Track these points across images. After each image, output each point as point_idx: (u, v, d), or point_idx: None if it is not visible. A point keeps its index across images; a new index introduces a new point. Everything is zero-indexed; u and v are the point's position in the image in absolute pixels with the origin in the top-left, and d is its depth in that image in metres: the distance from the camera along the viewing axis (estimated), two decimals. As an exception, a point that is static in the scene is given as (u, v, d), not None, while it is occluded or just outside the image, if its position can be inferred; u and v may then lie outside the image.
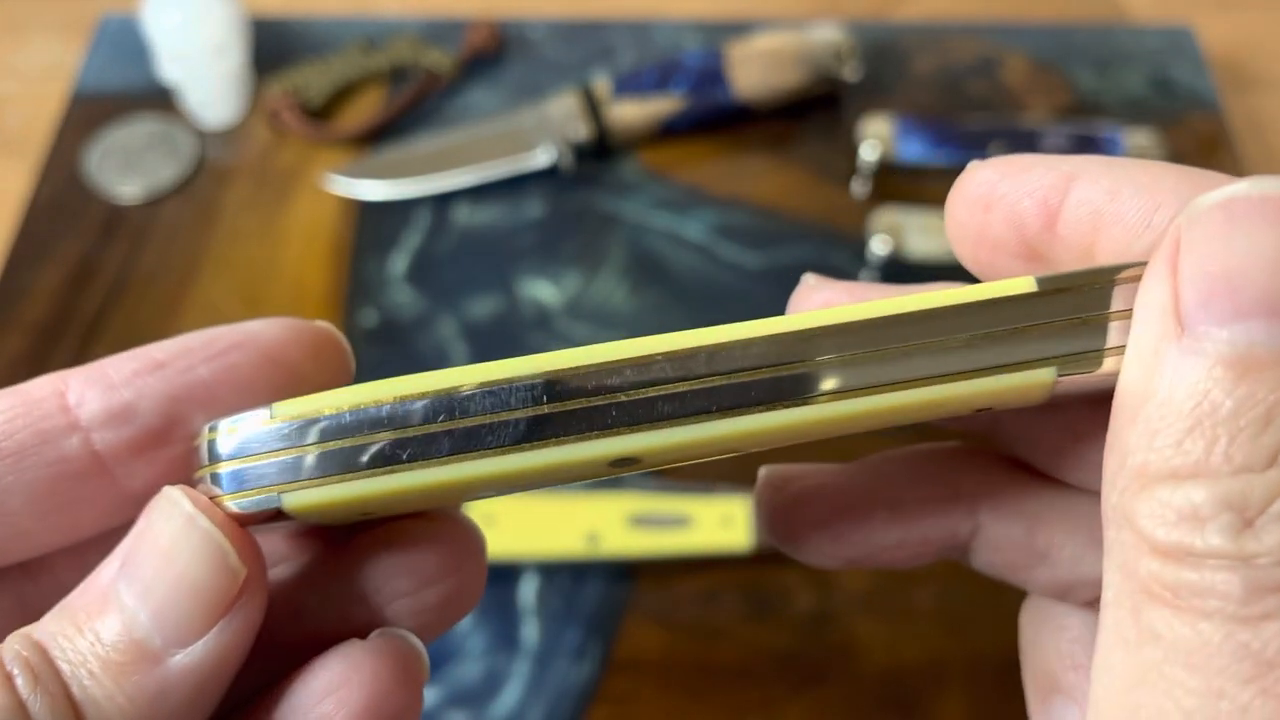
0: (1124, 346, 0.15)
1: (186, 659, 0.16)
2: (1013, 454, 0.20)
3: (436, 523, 0.18)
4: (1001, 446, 0.20)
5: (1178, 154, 0.53)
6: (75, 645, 0.16)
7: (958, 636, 0.41)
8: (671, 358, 0.15)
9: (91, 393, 0.18)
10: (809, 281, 0.20)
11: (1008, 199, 0.17)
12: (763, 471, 0.21)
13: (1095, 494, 0.15)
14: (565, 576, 0.42)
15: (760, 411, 0.15)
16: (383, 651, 0.17)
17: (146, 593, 0.16)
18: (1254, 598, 0.13)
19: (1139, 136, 0.52)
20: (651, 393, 0.15)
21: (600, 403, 0.15)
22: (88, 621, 0.16)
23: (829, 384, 0.15)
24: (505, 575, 0.42)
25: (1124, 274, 0.15)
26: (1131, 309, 0.15)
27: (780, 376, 0.15)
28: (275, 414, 0.16)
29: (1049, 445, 0.20)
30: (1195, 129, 0.55)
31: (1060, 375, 0.15)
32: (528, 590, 0.42)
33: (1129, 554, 0.14)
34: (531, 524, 0.42)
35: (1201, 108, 0.56)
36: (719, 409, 0.15)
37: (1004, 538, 0.20)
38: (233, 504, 0.16)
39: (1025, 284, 0.15)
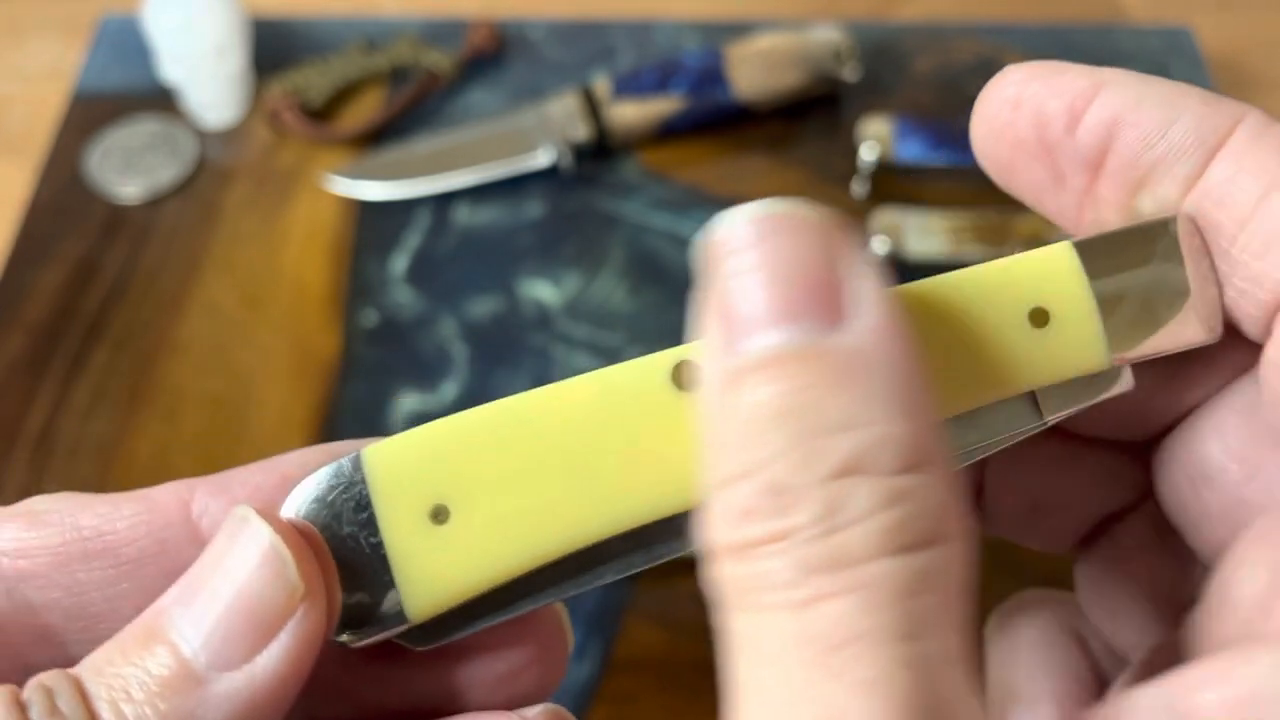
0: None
1: (229, 681, 0.15)
2: None
3: (524, 622, 0.19)
4: None
5: (1177, 154, 0.53)
6: (120, 672, 0.15)
7: (957, 636, 0.41)
8: None
9: (216, 504, 0.17)
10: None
11: (1037, 98, 0.18)
12: None
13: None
14: (565, 576, 0.42)
15: None
16: None
17: (201, 612, 0.15)
18: (802, 580, 0.13)
19: (1138, 137, 0.52)
20: None
21: None
22: (135, 649, 0.15)
23: None
24: (505, 575, 0.42)
25: None
26: None
27: None
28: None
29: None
30: (1194, 129, 0.55)
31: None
32: (528, 590, 0.42)
33: (713, 566, 0.14)
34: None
35: (1201, 108, 0.56)
36: None
37: None
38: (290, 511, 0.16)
39: None
